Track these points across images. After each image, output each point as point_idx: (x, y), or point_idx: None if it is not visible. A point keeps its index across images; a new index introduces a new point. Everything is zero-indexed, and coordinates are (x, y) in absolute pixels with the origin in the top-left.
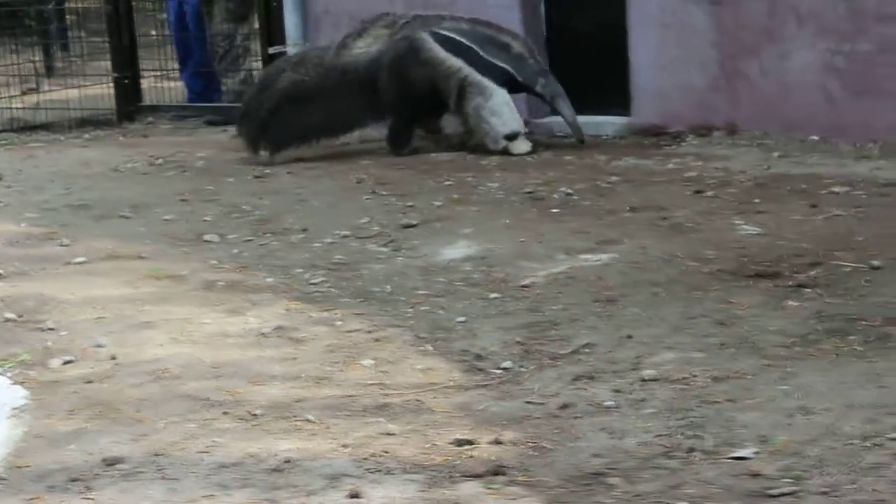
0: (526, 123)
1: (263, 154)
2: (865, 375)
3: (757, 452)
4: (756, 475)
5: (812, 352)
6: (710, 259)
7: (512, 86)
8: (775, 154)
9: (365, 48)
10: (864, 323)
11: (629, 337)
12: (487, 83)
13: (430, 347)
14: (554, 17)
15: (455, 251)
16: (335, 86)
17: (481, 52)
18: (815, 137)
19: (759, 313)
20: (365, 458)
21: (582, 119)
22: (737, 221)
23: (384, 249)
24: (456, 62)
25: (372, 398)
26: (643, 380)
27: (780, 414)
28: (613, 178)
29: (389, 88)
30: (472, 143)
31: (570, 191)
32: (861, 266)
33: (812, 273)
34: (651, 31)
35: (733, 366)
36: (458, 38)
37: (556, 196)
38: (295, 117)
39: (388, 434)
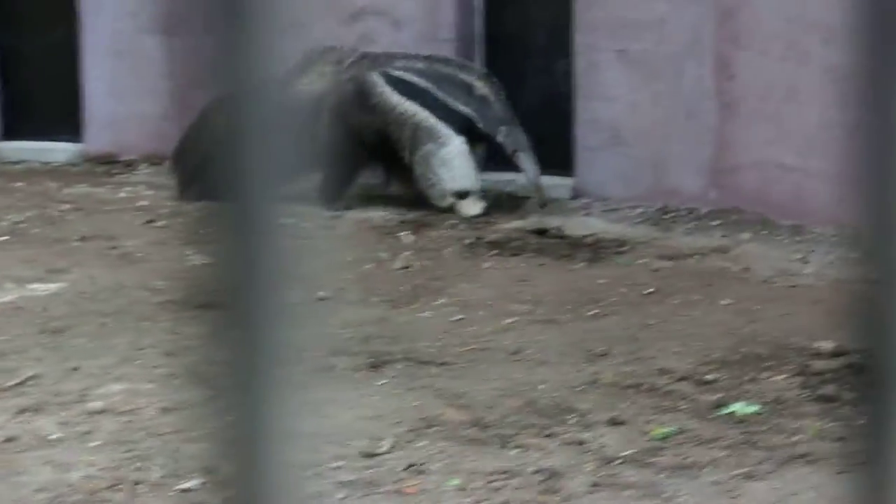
0: None
1: (185, 200)
2: (307, 405)
3: (204, 483)
4: None
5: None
6: (159, 289)
7: (472, 133)
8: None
9: (307, 86)
10: (309, 353)
11: (76, 369)
12: (441, 128)
13: None
14: None
15: None
16: None
17: (438, 93)
18: None
19: (206, 344)
20: None
21: (34, 146)
22: (188, 252)
23: None
24: (410, 107)
25: None
26: (89, 412)
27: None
28: (65, 206)
29: (330, 135)
30: (417, 193)
31: (19, 218)
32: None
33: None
34: (104, 58)
35: (181, 397)
36: (412, 78)
37: (4, 224)
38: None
39: None
